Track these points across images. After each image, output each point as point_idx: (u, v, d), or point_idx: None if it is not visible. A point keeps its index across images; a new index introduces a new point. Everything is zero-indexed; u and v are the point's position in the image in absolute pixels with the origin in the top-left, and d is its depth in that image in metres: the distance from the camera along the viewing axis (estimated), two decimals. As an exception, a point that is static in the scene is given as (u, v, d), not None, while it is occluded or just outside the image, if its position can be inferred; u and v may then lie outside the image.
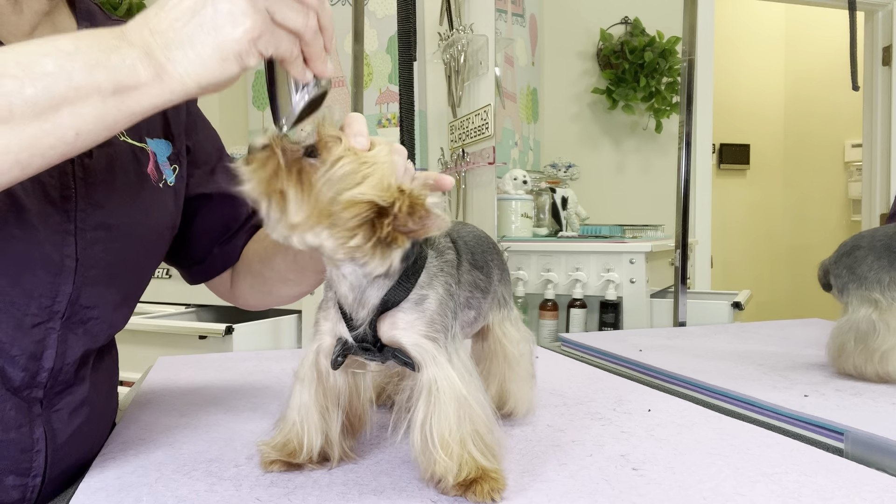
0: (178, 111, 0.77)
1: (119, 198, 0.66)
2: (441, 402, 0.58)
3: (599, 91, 3.07)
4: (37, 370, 0.60)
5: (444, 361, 0.59)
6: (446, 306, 0.61)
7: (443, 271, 0.62)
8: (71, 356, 0.63)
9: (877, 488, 0.59)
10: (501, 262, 0.77)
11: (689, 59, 1.76)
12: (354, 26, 1.81)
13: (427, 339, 0.60)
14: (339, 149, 0.55)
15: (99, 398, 0.70)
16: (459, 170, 2.22)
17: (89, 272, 0.62)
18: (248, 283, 0.86)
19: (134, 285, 0.72)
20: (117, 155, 0.67)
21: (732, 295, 2.11)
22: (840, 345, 0.98)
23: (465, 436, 0.58)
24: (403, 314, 0.60)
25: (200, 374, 1.10)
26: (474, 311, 0.70)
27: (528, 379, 0.78)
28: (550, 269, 2.12)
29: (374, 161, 0.55)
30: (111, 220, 0.64)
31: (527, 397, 0.78)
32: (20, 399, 0.60)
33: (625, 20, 3.06)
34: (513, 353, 0.76)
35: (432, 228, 0.55)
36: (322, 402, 0.65)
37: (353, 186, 0.54)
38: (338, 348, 0.62)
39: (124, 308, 0.71)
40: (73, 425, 0.65)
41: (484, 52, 2.15)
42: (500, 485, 0.57)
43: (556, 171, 2.61)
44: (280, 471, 0.64)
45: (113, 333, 0.71)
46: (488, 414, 0.60)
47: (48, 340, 0.61)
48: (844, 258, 1.02)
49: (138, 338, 1.93)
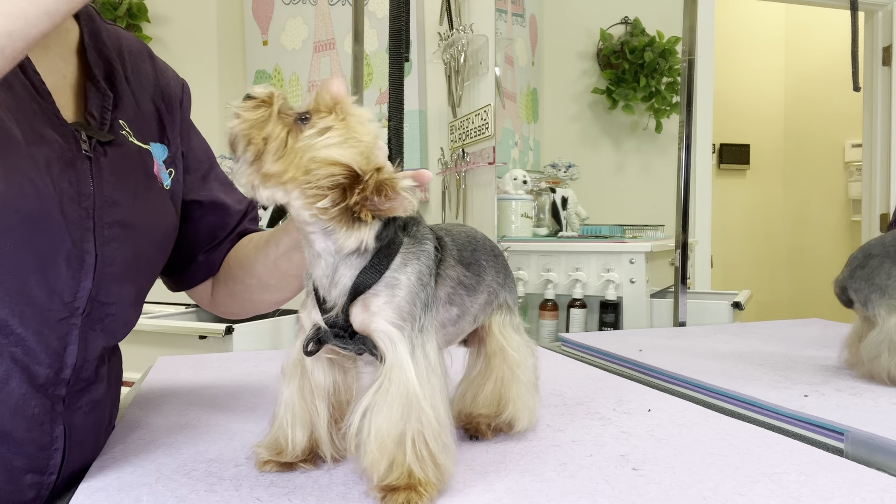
0: (172, 116, 0.78)
1: (133, 196, 0.67)
2: (389, 392, 0.56)
3: (599, 91, 3.07)
4: (60, 367, 0.61)
5: (404, 352, 0.57)
6: (416, 296, 0.59)
7: (418, 259, 0.61)
8: (92, 353, 0.64)
9: (877, 488, 0.59)
10: (501, 265, 0.75)
11: (689, 59, 1.76)
12: (354, 26, 1.81)
13: (393, 327, 0.58)
14: (330, 118, 0.56)
15: (110, 397, 0.71)
16: (459, 170, 2.22)
17: (107, 269, 0.63)
18: (229, 291, 0.86)
19: (146, 283, 0.73)
20: (129, 155, 0.68)
21: (732, 295, 2.11)
22: (874, 356, 0.95)
23: (406, 434, 0.55)
24: (374, 298, 0.59)
25: (200, 374, 1.10)
26: (457, 308, 0.67)
27: (530, 387, 0.74)
28: (550, 269, 2.12)
29: (360, 132, 0.56)
30: (127, 218, 0.65)
31: (528, 406, 0.73)
32: (45, 397, 0.60)
33: (625, 20, 3.06)
34: (513, 356, 0.73)
35: (398, 208, 0.55)
36: (307, 398, 0.64)
37: (335, 147, 0.55)
38: (311, 333, 0.61)
39: (137, 305, 0.72)
40: (88, 423, 0.66)
41: (484, 52, 2.15)
42: (422, 502, 0.54)
43: (556, 171, 2.61)
44: (274, 471, 0.64)
45: (128, 331, 0.72)
46: (441, 418, 0.57)
47: (70, 336, 0.61)
48: (859, 271, 1.00)
49: (138, 338, 1.91)
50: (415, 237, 0.62)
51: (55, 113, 0.61)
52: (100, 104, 0.66)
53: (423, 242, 0.62)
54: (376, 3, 2.45)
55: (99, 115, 0.66)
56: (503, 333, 0.74)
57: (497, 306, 0.74)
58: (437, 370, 0.59)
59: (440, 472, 0.57)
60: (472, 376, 0.75)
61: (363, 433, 0.56)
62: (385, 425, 0.55)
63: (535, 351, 0.77)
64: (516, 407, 0.72)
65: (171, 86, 0.80)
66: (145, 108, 0.74)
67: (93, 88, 0.67)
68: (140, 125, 0.72)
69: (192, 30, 2.85)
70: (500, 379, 0.73)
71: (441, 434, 0.57)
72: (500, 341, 0.73)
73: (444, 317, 0.66)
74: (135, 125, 0.71)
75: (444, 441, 0.57)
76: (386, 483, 0.55)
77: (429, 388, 0.57)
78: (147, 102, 0.75)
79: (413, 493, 0.54)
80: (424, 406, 0.56)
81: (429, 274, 0.61)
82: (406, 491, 0.54)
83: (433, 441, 0.56)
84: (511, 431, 0.74)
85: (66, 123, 0.62)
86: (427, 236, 0.63)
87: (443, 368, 0.61)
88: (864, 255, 1.02)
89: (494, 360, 0.73)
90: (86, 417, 0.66)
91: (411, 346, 0.58)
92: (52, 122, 0.60)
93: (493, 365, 0.73)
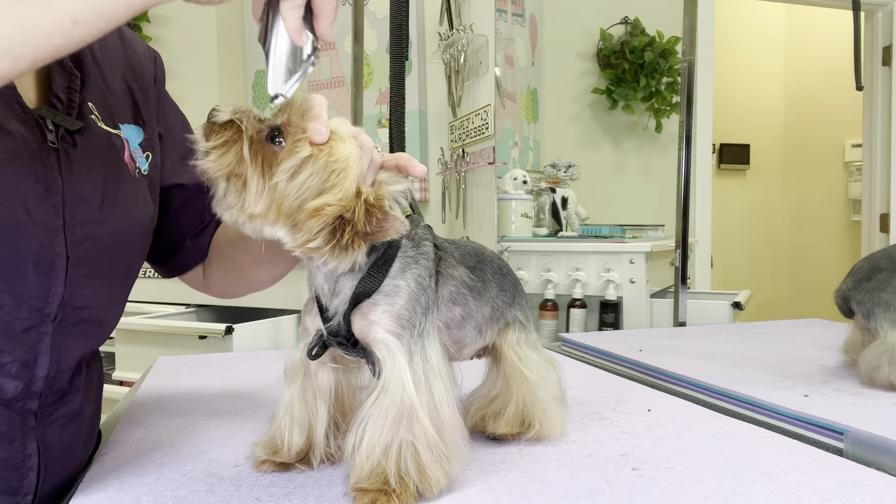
0: (146, 94, 0.73)
1: (104, 191, 0.61)
2: (383, 404, 0.56)
3: (599, 91, 3.07)
4: (31, 379, 0.56)
5: (402, 362, 0.57)
6: (416, 301, 0.59)
7: (417, 263, 0.60)
8: (65, 363, 0.60)
9: (877, 488, 0.59)
10: (510, 283, 0.74)
11: (689, 59, 1.76)
12: (354, 26, 1.81)
13: (391, 336, 0.58)
14: (305, 147, 0.53)
15: (89, 408, 0.67)
16: (459, 170, 2.22)
17: (80, 271, 0.58)
18: (222, 271, 0.82)
19: (123, 284, 0.68)
20: (97, 143, 0.62)
21: (732, 295, 2.11)
22: (874, 367, 0.95)
23: (395, 444, 0.55)
24: (374, 307, 0.58)
25: (200, 374, 1.10)
26: (461, 308, 0.66)
27: (555, 404, 0.73)
28: (550, 269, 2.12)
29: (341, 166, 0.53)
30: (98, 216, 0.60)
31: (555, 421, 0.73)
32: (13, 412, 0.56)
33: (625, 20, 3.06)
34: (532, 378, 0.72)
35: (390, 232, 0.54)
36: (308, 400, 0.64)
37: (319, 195, 0.52)
38: (314, 339, 0.61)
39: (115, 309, 0.67)
40: (66, 437, 0.62)
41: (484, 52, 2.14)
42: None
43: (556, 171, 2.61)
44: (270, 471, 0.64)
45: (105, 336, 0.67)
46: (442, 427, 0.56)
47: (41, 346, 0.57)
48: (865, 283, 1.00)
49: (138, 338, 1.93)
50: (413, 239, 0.61)
51: (17, 99, 0.55)
52: (66, 85, 0.60)
53: (422, 244, 0.62)
54: (376, 3, 2.45)
55: (66, 98, 0.60)
56: (518, 354, 0.72)
57: (505, 324, 0.73)
58: (440, 373, 0.58)
59: (427, 483, 0.56)
60: (492, 395, 0.74)
61: (356, 443, 0.56)
62: (376, 436, 0.55)
63: (557, 366, 0.76)
64: (542, 423, 0.72)
65: (142, 62, 0.74)
66: (116, 88, 0.68)
67: (57, 67, 0.60)
68: (111, 106, 0.66)
69: (192, 30, 2.85)
70: (521, 401, 0.72)
71: (439, 445, 0.56)
72: (516, 363, 0.72)
73: (447, 316, 0.65)
74: (105, 106, 0.65)
75: (444, 452, 0.56)
76: (360, 485, 0.55)
77: (427, 396, 0.57)
78: (117, 81, 0.69)
79: (383, 496, 0.54)
80: (421, 416, 0.56)
81: (428, 276, 0.61)
82: (376, 494, 0.54)
83: (426, 451, 0.55)
84: (542, 441, 0.73)
85: (30, 111, 0.56)
86: (426, 237, 0.63)
87: (448, 370, 0.60)
88: (870, 267, 1.01)
89: (513, 383, 0.72)
90: (62, 431, 0.61)
91: (409, 353, 0.58)
92: (14, 109, 0.54)
93: (513, 388, 0.72)
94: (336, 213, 0.53)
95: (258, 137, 0.54)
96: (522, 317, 0.75)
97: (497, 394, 0.73)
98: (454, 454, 0.58)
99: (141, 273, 0.72)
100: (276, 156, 0.53)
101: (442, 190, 2.39)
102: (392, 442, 0.55)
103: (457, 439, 0.58)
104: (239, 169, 0.53)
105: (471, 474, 0.63)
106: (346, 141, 0.55)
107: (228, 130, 0.54)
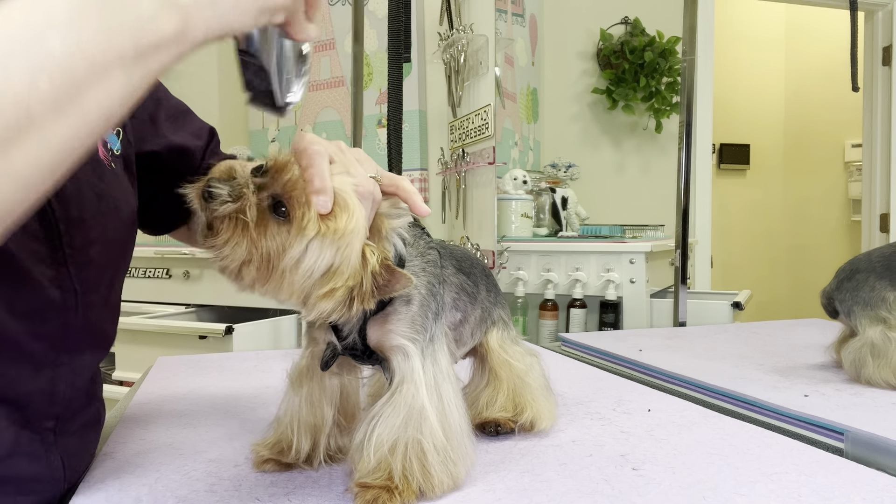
0: None
1: (91, 204, 0.58)
2: (395, 405, 0.57)
3: (599, 91, 3.07)
4: (51, 399, 0.57)
5: (416, 365, 0.58)
6: (427, 307, 0.60)
7: (424, 271, 0.61)
8: (80, 381, 0.61)
9: (877, 488, 0.59)
10: (492, 284, 0.78)
11: (689, 59, 1.76)
12: (354, 26, 1.81)
13: (407, 341, 0.59)
14: (311, 226, 0.51)
15: (104, 412, 0.69)
16: (459, 170, 2.22)
17: (89, 297, 0.58)
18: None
19: (120, 293, 0.67)
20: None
21: (732, 295, 2.11)
22: (859, 361, 0.98)
23: (401, 442, 0.55)
24: (388, 315, 0.59)
25: (200, 374, 1.10)
26: (460, 313, 0.69)
27: (543, 390, 0.77)
28: (550, 269, 2.12)
29: (346, 241, 0.51)
30: (92, 235, 0.58)
31: (546, 408, 0.75)
32: (32, 431, 0.56)
33: (625, 20, 3.06)
34: (519, 366, 0.75)
35: (397, 288, 0.55)
36: (315, 405, 0.65)
37: (329, 280, 0.52)
38: (328, 352, 0.62)
39: (114, 314, 0.67)
40: (84, 443, 0.64)
41: (484, 52, 2.14)
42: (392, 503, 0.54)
43: (556, 171, 2.61)
44: (272, 470, 0.64)
45: (112, 343, 0.67)
46: (451, 431, 0.57)
47: (59, 374, 0.57)
48: (846, 283, 1.05)
49: (138, 338, 1.93)
50: (418, 248, 0.63)
51: None
52: None
53: (427, 253, 0.63)
54: (376, 3, 2.44)
55: None
56: (503, 347, 0.76)
57: (491, 323, 0.76)
58: (448, 376, 0.60)
59: (430, 484, 0.56)
60: (482, 387, 0.77)
61: (365, 438, 0.57)
62: (385, 433, 0.56)
63: (539, 355, 0.79)
64: (534, 409, 0.74)
65: None
66: None
67: None
68: None
69: (192, 30, 2.85)
70: (511, 388, 0.75)
71: (446, 447, 0.57)
72: (503, 356, 0.75)
73: (449, 320, 0.67)
74: None
75: (450, 455, 0.57)
76: (363, 481, 0.56)
77: (437, 400, 0.58)
78: None
79: (385, 493, 0.54)
80: (431, 418, 0.56)
81: (437, 283, 0.63)
82: (378, 490, 0.54)
83: (433, 453, 0.56)
84: (533, 430, 0.75)
85: None
86: (431, 245, 0.64)
87: (455, 373, 0.62)
88: (851, 268, 1.06)
89: (502, 373, 0.75)
90: (81, 440, 0.62)
91: (422, 358, 0.59)
92: None
93: (502, 376, 0.75)
94: (346, 294, 0.53)
95: (260, 207, 0.52)
96: (505, 315, 0.78)
97: (486, 384, 0.76)
98: (460, 458, 0.58)
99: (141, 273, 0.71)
100: (280, 231, 0.51)
101: (442, 190, 2.39)
102: (399, 439, 0.56)
103: (464, 442, 0.59)
104: (248, 256, 0.52)
105: (471, 474, 0.63)
106: (350, 207, 0.52)
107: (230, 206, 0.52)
